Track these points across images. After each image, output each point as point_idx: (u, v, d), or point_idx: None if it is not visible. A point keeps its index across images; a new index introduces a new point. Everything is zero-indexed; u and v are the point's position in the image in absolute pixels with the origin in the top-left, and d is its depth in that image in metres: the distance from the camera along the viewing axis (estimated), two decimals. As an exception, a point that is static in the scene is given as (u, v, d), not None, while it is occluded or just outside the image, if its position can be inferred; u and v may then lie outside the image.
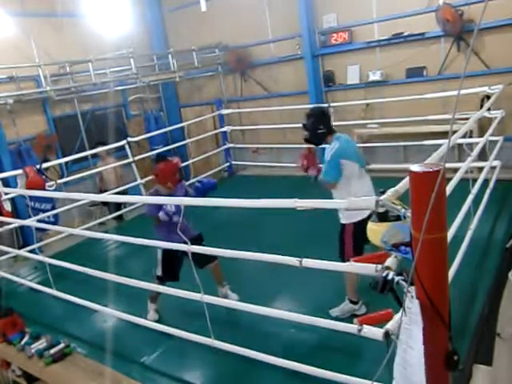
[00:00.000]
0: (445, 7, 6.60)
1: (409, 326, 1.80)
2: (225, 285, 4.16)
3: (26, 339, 3.84)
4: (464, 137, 4.32)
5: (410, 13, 7.09)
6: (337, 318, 3.32)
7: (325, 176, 3.64)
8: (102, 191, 7.24)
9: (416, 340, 1.75)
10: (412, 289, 1.80)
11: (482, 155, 5.36)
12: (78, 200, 6.27)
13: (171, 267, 3.93)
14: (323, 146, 3.85)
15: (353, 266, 2.42)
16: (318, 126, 3.73)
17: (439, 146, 3.06)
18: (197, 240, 3.83)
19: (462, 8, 6.47)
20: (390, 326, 2.25)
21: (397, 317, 2.15)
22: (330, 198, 2.44)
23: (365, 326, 2.39)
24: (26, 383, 3.86)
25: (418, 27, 7.06)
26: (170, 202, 3.59)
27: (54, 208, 6.75)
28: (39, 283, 4.80)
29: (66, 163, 7.50)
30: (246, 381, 3.21)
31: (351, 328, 2.47)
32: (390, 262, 2.16)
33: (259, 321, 3.34)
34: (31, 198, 5.65)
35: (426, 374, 1.75)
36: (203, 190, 4.00)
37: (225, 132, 9.00)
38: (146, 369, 3.47)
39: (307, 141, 3.91)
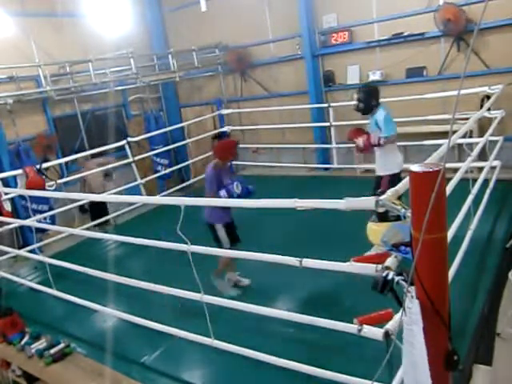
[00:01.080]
0: (446, 6, 6.61)
1: (409, 326, 1.80)
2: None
3: (26, 339, 3.84)
4: (464, 137, 4.32)
5: (410, 13, 7.10)
6: (337, 316, 3.32)
7: (388, 131, 4.45)
8: None
9: (417, 339, 1.75)
10: (412, 289, 1.80)
11: (482, 155, 5.36)
12: (78, 200, 6.27)
13: (233, 235, 4.32)
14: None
15: (353, 266, 2.42)
16: (371, 99, 4.60)
17: (439, 145, 3.07)
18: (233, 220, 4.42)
19: (463, 7, 6.48)
20: (390, 326, 2.25)
21: (397, 317, 2.15)
22: (329, 198, 2.45)
23: (365, 326, 2.39)
24: (26, 383, 3.86)
25: (418, 27, 7.06)
26: (170, 201, 3.59)
27: (51, 209, 6.75)
28: (39, 283, 4.80)
29: (66, 163, 7.50)
30: (246, 381, 3.21)
31: (351, 328, 2.47)
32: (390, 261, 2.16)
33: (259, 321, 3.34)
34: (29, 198, 5.66)
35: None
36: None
37: (225, 132, 9.00)
38: (146, 369, 3.47)
39: (358, 110, 4.71)
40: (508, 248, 4.50)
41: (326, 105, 8.05)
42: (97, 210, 7.05)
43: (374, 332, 2.33)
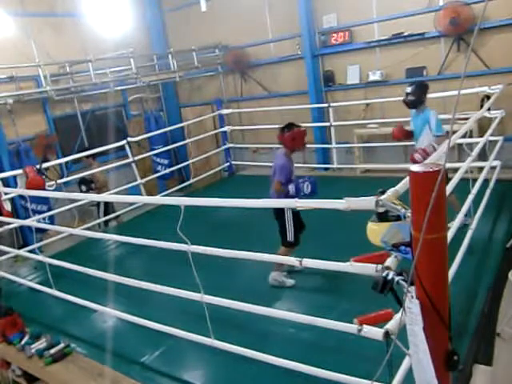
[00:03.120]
0: (451, 5, 6.59)
1: (411, 325, 1.80)
2: None
3: (26, 339, 3.84)
4: (464, 137, 4.32)
5: (410, 13, 7.10)
6: (337, 316, 3.33)
7: (441, 130, 4.63)
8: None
9: (420, 339, 1.75)
10: (412, 289, 1.80)
11: (482, 155, 5.36)
12: (78, 200, 6.26)
13: (298, 232, 4.32)
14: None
15: (353, 266, 2.42)
16: (423, 95, 4.76)
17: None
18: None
19: (470, 5, 6.48)
20: (389, 326, 2.25)
21: (397, 317, 2.15)
22: (330, 198, 2.47)
23: (365, 325, 2.39)
24: (26, 383, 3.86)
25: (418, 27, 7.06)
26: (170, 201, 3.59)
27: (50, 209, 6.73)
28: (39, 283, 4.80)
29: (66, 163, 7.50)
30: (246, 381, 3.21)
31: (351, 328, 2.47)
32: (390, 262, 2.15)
33: (259, 321, 3.34)
34: (28, 198, 5.65)
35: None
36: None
37: (225, 132, 9.00)
38: (146, 369, 3.47)
39: (406, 102, 4.83)
40: (508, 248, 4.50)
41: (326, 105, 8.05)
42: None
43: (373, 332, 2.32)
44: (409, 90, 4.78)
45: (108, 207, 7.09)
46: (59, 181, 6.04)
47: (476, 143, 5.02)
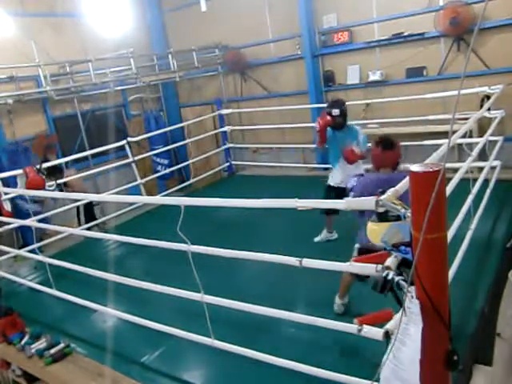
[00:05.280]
0: (452, 5, 6.59)
1: (406, 324, 1.80)
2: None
3: (25, 339, 3.84)
4: (464, 137, 4.32)
5: (410, 13, 7.10)
6: (337, 318, 3.33)
7: (367, 146, 4.70)
8: None
9: (411, 338, 1.75)
10: (412, 289, 1.80)
11: (482, 155, 5.36)
12: (79, 200, 6.26)
13: None
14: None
15: (353, 266, 2.42)
16: (347, 114, 4.97)
17: (439, 145, 3.07)
18: None
19: (471, 5, 6.48)
20: (389, 326, 2.25)
21: (397, 317, 2.15)
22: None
23: (365, 325, 2.39)
24: (26, 383, 3.86)
25: (418, 27, 7.06)
26: (170, 201, 3.59)
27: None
28: (39, 283, 4.80)
29: (66, 163, 7.49)
30: (246, 381, 3.21)
31: (351, 328, 2.47)
32: (390, 262, 2.16)
33: (259, 321, 3.34)
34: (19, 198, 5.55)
35: (426, 373, 1.75)
36: None
37: (225, 132, 9.00)
38: (146, 369, 3.47)
39: (336, 125, 4.90)
40: (508, 248, 4.50)
41: (326, 105, 8.04)
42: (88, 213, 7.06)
43: (373, 332, 2.33)
44: (337, 112, 4.79)
45: (87, 211, 7.05)
46: (59, 181, 6.05)
47: (476, 143, 5.01)
